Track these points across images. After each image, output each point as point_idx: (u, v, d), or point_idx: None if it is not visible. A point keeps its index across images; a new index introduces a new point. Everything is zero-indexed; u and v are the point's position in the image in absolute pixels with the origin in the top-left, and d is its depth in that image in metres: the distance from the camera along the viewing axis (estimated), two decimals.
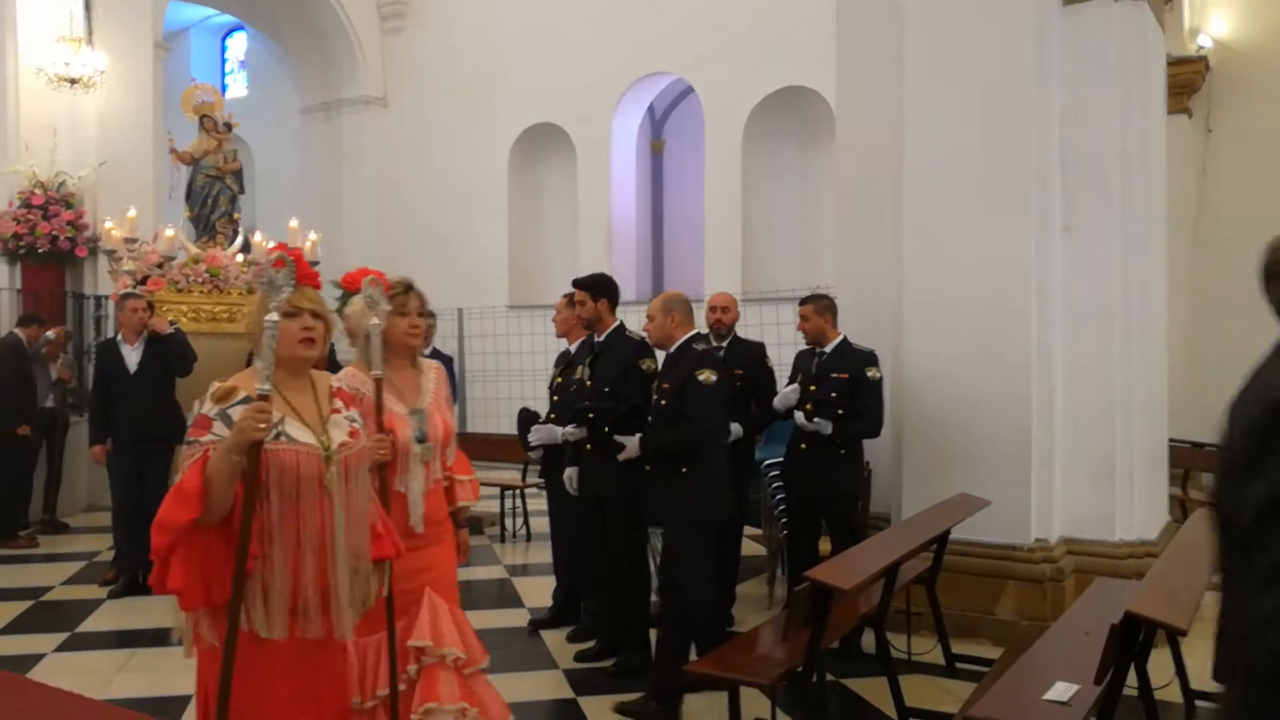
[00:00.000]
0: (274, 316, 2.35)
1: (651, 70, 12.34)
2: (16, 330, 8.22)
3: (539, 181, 13.60)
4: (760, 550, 7.06)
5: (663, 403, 4.52)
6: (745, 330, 6.49)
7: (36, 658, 5.15)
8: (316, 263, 9.21)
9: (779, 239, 11.67)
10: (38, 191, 9.83)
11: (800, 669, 3.47)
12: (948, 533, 4.67)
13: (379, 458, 2.97)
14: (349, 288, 3.22)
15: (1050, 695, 2.98)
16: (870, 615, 4.29)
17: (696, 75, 11.96)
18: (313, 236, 9.42)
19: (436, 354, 7.67)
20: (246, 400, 2.37)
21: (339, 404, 2.61)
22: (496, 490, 8.63)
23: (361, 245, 13.76)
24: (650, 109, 13.31)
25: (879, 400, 5.35)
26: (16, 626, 5.78)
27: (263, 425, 2.27)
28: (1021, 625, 5.14)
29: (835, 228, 7.16)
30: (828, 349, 5.41)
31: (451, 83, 13.53)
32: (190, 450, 2.36)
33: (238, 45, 17.68)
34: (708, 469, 4.44)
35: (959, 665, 4.92)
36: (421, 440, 3.18)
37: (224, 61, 17.95)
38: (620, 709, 4.37)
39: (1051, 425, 5.46)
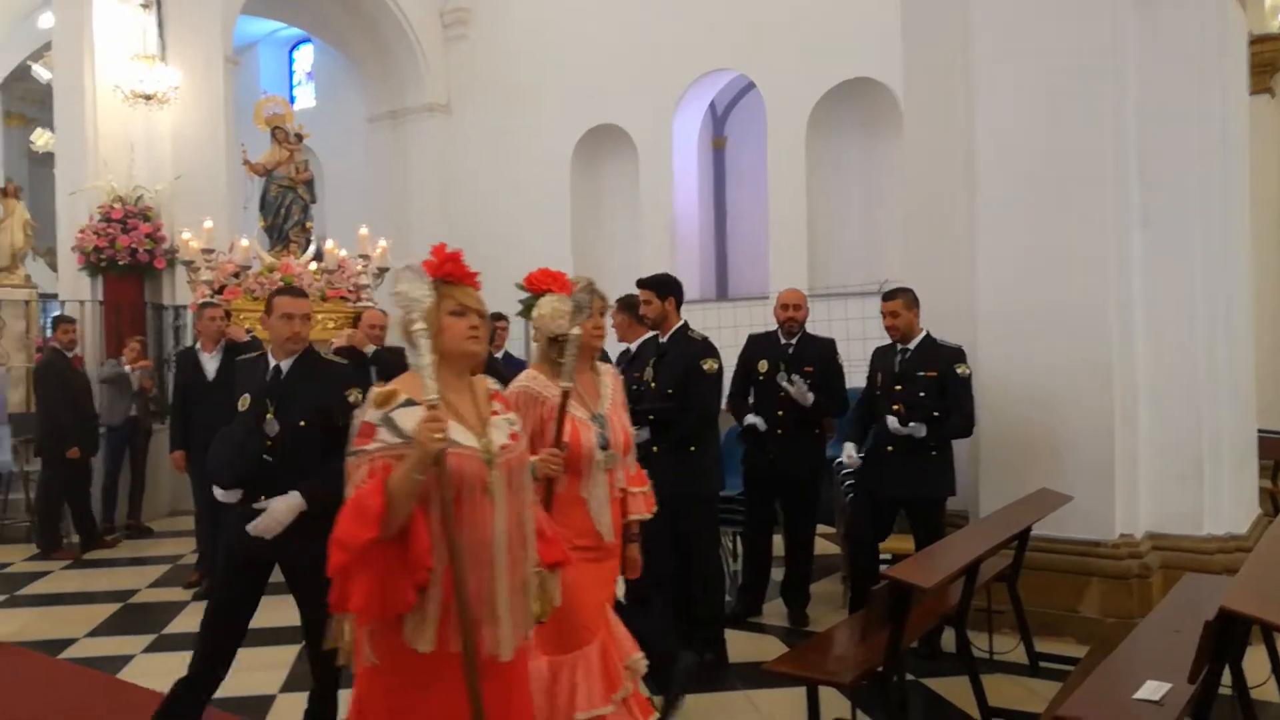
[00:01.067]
0: (421, 325, 2.32)
1: (712, 67, 12.29)
2: (53, 342, 8.40)
3: (601, 183, 13.63)
4: (835, 549, 7.00)
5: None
6: (812, 327, 6.42)
7: (126, 658, 5.29)
8: (386, 269, 9.36)
9: (844, 234, 11.54)
10: (117, 206, 10.11)
11: (880, 668, 3.42)
12: (1029, 529, 4.58)
13: (549, 472, 2.90)
14: (532, 289, 3.15)
15: (1141, 694, 2.89)
16: (951, 613, 4.21)
17: (758, 71, 11.88)
18: (382, 243, 9.55)
19: (509, 359, 7.74)
20: (409, 403, 2.28)
21: (497, 406, 2.52)
22: None
23: (427, 250, 13.89)
24: (711, 106, 13.26)
25: (970, 398, 5.17)
26: (107, 628, 5.96)
27: (439, 435, 2.17)
28: (1107, 623, 5.02)
29: (902, 223, 7.06)
30: (911, 345, 5.19)
31: (513, 87, 13.62)
32: (357, 461, 2.27)
33: (305, 57, 17.99)
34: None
35: (1043, 664, 4.81)
36: (605, 447, 3.09)
37: (292, 74, 18.27)
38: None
39: (1135, 419, 5.32)
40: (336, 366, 4.05)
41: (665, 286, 5.18)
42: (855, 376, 8.69)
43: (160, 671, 4.97)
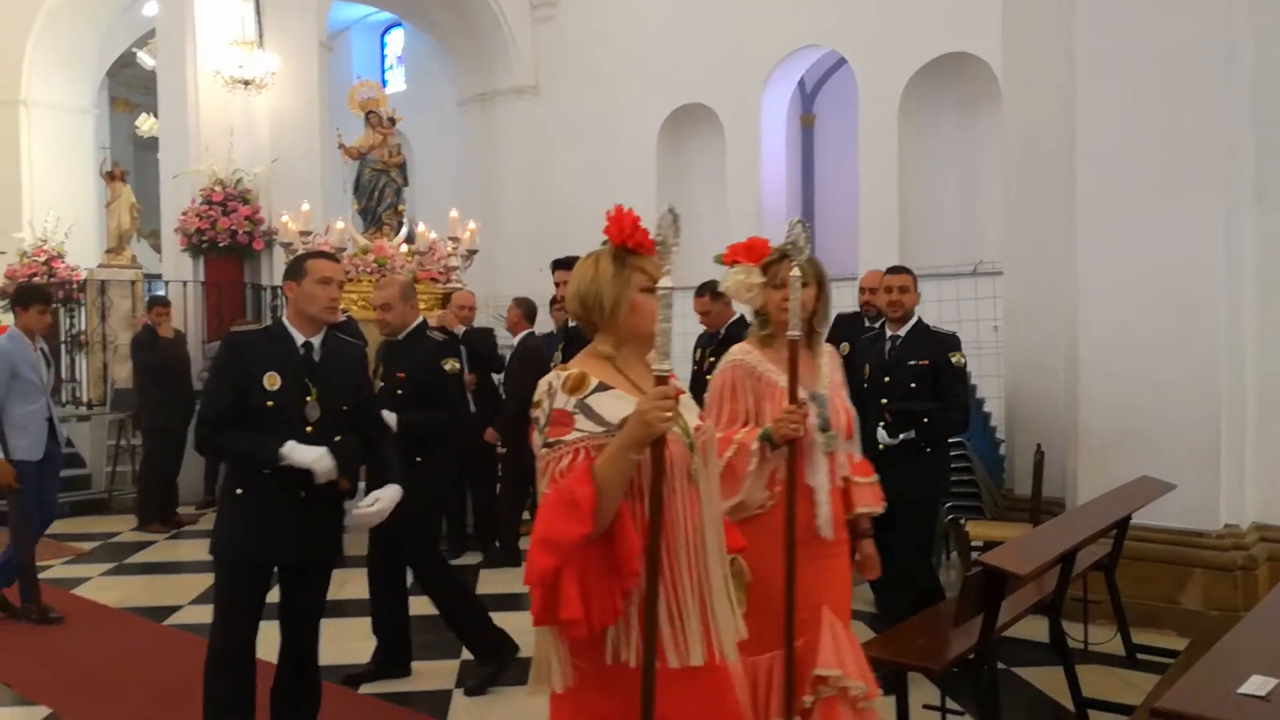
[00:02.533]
0: (667, 282, 2.03)
1: (802, 44, 12.11)
2: (146, 320, 8.71)
3: (687, 163, 13.58)
4: None
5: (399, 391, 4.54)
6: None
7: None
8: (475, 251, 9.48)
9: (938, 213, 11.30)
10: (217, 189, 10.42)
11: (972, 656, 3.36)
12: (1129, 518, 4.44)
13: (789, 433, 2.64)
14: (730, 262, 2.91)
15: (1246, 689, 2.77)
16: (1045, 602, 4.11)
17: (850, 46, 11.67)
18: (472, 225, 9.67)
19: (549, 339, 7.77)
20: (602, 388, 2.07)
21: (680, 385, 2.21)
22: None
23: (517, 232, 14.05)
24: (801, 83, 13.09)
25: (966, 389, 4.89)
26: (209, 597, 6.16)
27: (669, 414, 1.91)
28: (1210, 615, 4.86)
29: (1000, 201, 6.88)
30: (902, 332, 4.79)
31: (600, 68, 13.64)
32: (554, 453, 2.02)
33: (396, 41, 18.26)
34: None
35: (1140, 656, 4.68)
36: (825, 429, 2.80)
37: (383, 58, 18.57)
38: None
39: (1243, 405, 5.12)
40: (356, 345, 3.68)
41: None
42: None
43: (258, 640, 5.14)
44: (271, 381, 3.26)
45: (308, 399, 3.29)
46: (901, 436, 4.62)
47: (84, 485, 9.54)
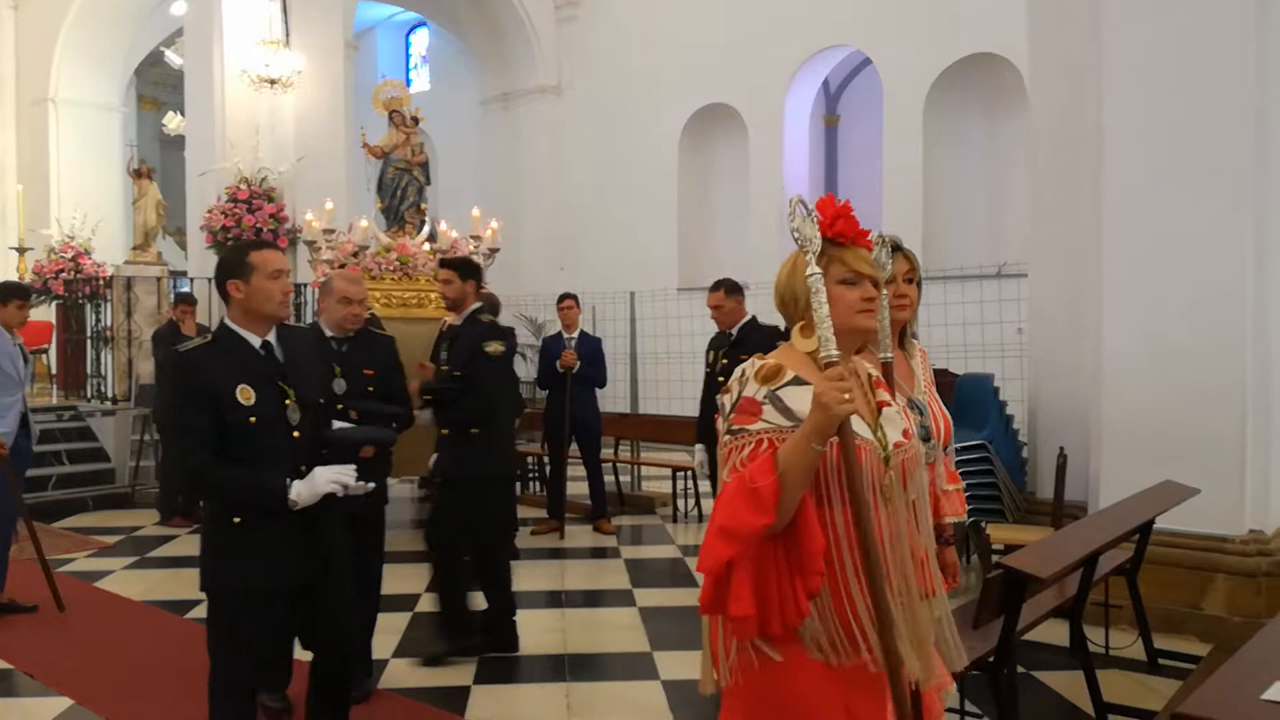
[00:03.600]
0: (816, 269, 1.94)
1: (827, 44, 12.09)
2: (170, 316, 8.79)
3: (710, 162, 13.57)
4: None
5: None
6: (926, 311, 6.28)
7: None
8: (497, 250, 9.50)
9: (963, 215, 11.24)
10: (243, 186, 10.50)
11: (992, 659, 3.33)
12: (1151, 522, 4.39)
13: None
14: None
15: (1270, 695, 2.74)
16: (1066, 606, 4.08)
17: (874, 46, 11.64)
18: (494, 224, 9.68)
19: (585, 336, 7.80)
20: (797, 381, 1.96)
21: (884, 395, 2.14)
22: (668, 471, 8.70)
23: (539, 230, 14.09)
24: (825, 83, 13.06)
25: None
26: None
27: (849, 396, 1.83)
28: (1233, 621, 4.80)
29: (1026, 203, 6.84)
30: (734, 331, 4.63)
31: (623, 68, 13.65)
32: (737, 441, 1.95)
33: (420, 41, 18.36)
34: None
35: (1162, 661, 4.63)
36: (926, 439, 2.66)
37: (408, 57, 18.67)
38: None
39: (1268, 409, 5.06)
40: (305, 329, 3.58)
41: (468, 267, 5.06)
42: (973, 363, 8.51)
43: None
44: (246, 395, 2.95)
45: (287, 403, 3.03)
46: None
47: (108, 480, 9.63)
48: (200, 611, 5.71)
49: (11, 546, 5.84)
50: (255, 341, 3.02)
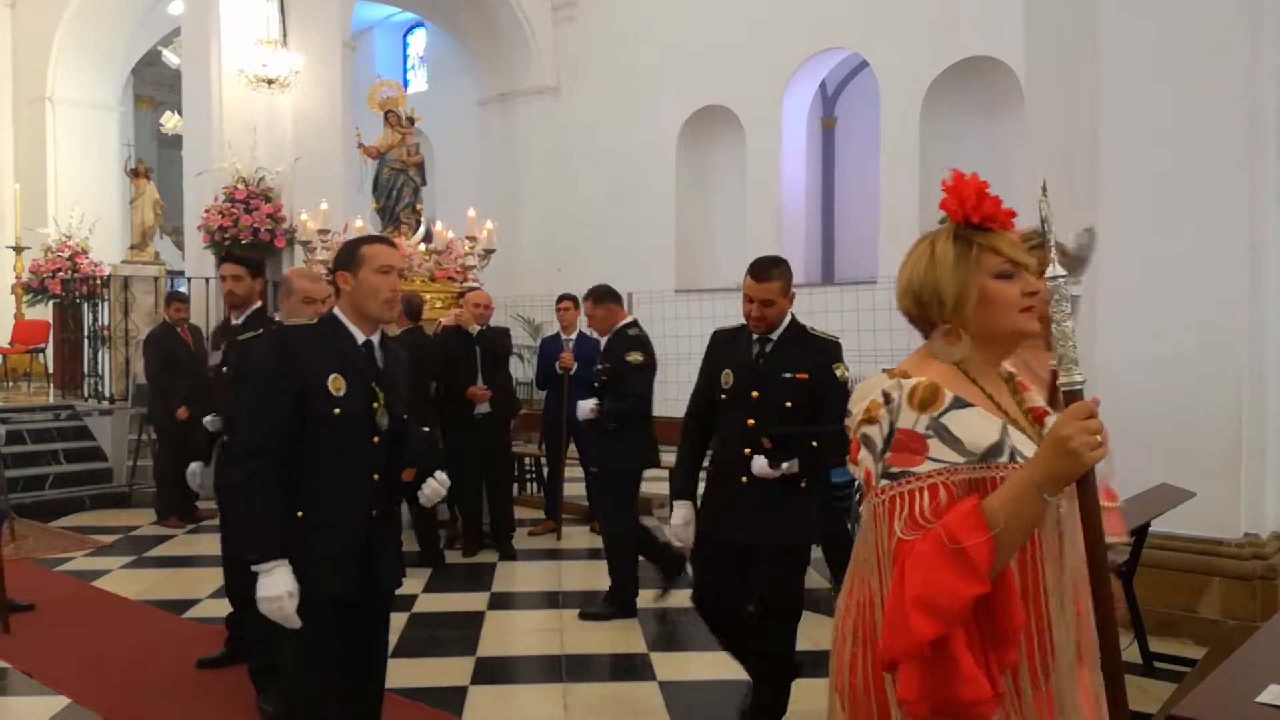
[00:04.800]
0: (1058, 272, 1.64)
1: (824, 46, 12.12)
2: (164, 316, 8.77)
3: (707, 164, 13.59)
4: None
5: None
6: None
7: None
8: (492, 250, 9.50)
9: None
10: (240, 187, 10.48)
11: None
12: (1147, 525, 4.41)
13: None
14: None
15: (1264, 698, 2.76)
16: None
17: (871, 49, 11.67)
18: (489, 225, 9.69)
19: (583, 338, 7.81)
20: (959, 404, 1.60)
21: (1036, 400, 1.80)
22: (665, 473, 8.69)
23: (535, 231, 14.10)
24: (822, 85, 13.09)
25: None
26: (224, 592, 6.21)
27: (1099, 439, 1.50)
28: (1227, 625, 4.82)
29: (1023, 206, 6.86)
30: (774, 334, 3.72)
31: (621, 69, 13.67)
32: (901, 488, 1.56)
33: (418, 41, 18.36)
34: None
35: (1157, 664, 4.65)
36: None
37: (405, 58, 18.67)
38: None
39: (1264, 412, 5.08)
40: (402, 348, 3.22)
41: (258, 266, 4.93)
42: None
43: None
44: (337, 385, 2.75)
45: (375, 405, 2.84)
46: (785, 465, 3.60)
47: (105, 479, 9.62)
48: (197, 610, 5.73)
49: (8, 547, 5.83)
50: (359, 337, 2.86)
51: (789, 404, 3.65)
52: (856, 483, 5.98)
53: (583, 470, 7.98)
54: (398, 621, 5.40)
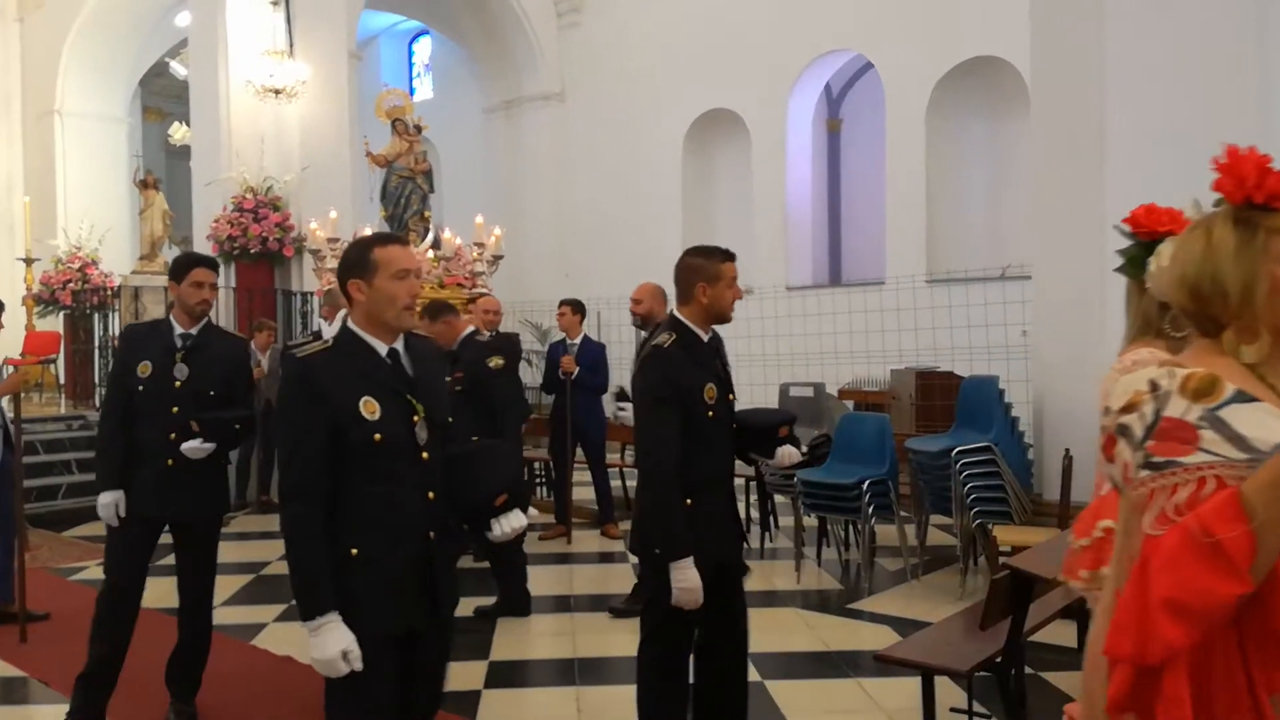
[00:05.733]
0: None
1: (829, 48, 12.13)
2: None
3: (713, 167, 13.61)
4: (951, 540, 6.89)
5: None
6: (933, 313, 6.31)
7: (259, 626, 5.56)
8: (500, 256, 9.53)
9: (966, 218, 11.28)
10: (248, 196, 10.55)
11: (999, 659, 3.35)
12: None
13: None
14: (1142, 231, 2.40)
15: None
16: (1074, 606, 4.10)
17: (876, 51, 11.68)
18: (496, 231, 9.73)
19: (588, 342, 7.82)
20: (1242, 398, 1.42)
21: None
22: None
23: (542, 237, 14.12)
24: (827, 87, 13.10)
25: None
26: (241, 598, 6.26)
27: None
28: None
29: (1029, 205, 6.87)
30: (707, 339, 3.40)
31: (626, 74, 13.70)
32: (1164, 479, 1.41)
33: (424, 49, 18.43)
34: None
35: None
36: None
37: (411, 66, 18.74)
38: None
39: None
40: (430, 340, 3.05)
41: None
42: (977, 365, 8.52)
43: (290, 639, 5.21)
44: (370, 409, 2.52)
45: (415, 419, 2.61)
46: (805, 450, 3.71)
47: None
48: (214, 618, 5.74)
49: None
50: (381, 349, 2.61)
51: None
52: (866, 482, 6.02)
53: (590, 474, 8.00)
54: None
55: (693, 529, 3.19)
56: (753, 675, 4.64)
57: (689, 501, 3.22)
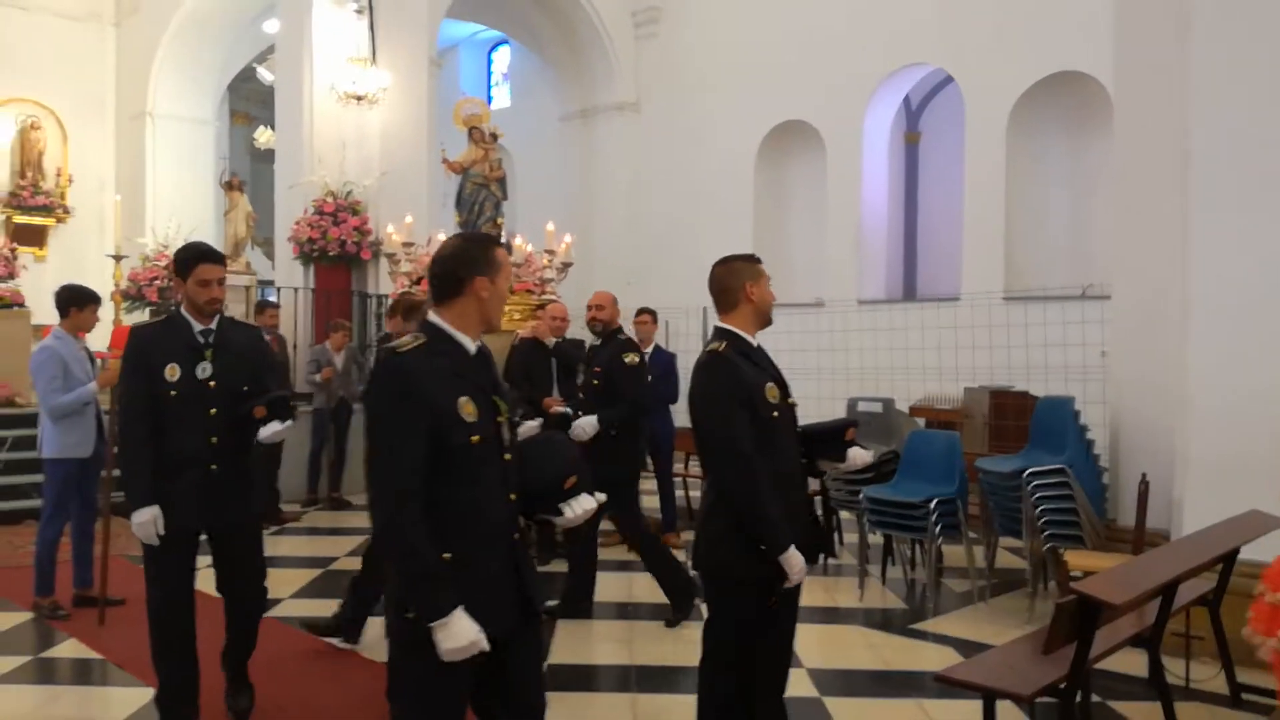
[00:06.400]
0: None
1: (908, 61, 11.98)
2: (257, 321, 9.03)
3: (786, 179, 13.53)
4: (1020, 563, 6.75)
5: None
6: (1009, 332, 6.19)
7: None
8: (569, 264, 9.60)
9: (1046, 235, 11.03)
10: (329, 200, 10.79)
11: (1063, 685, 3.27)
12: (1236, 551, 4.27)
13: None
14: None
15: None
16: (1144, 635, 3.98)
17: (957, 64, 11.50)
18: (568, 239, 9.80)
19: (659, 351, 7.82)
20: None
21: None
22: None
23: (612, 245, 14.17)
24: (906, 100, 12.95)
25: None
26: (309, 591, 6.38)
27: None
28: None
29: (1110, 224, 6.72)
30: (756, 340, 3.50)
31: (701, 84, 13.70)
32: None
33: (502, 59, 18.65)
34: None
35: (1245, 696, 4.48)
36: None
37: (490, 74, 18.98)
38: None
39: None
40: None
41: None
42: (1054, 385, 8.33)
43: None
44: (469, 410, 2.47)
45: (499, 419, 2.57)
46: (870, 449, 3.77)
47: None
48: (280, 610, 5.86)
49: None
50: (470, 346, 2.57)
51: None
52: (934, 501, 5.92)
53: (657, 483, 8.00)
54: None
55: None
56: (811, 691, 4.61)
57: None
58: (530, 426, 2.82)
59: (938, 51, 11.65)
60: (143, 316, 12.69)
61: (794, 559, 3.19)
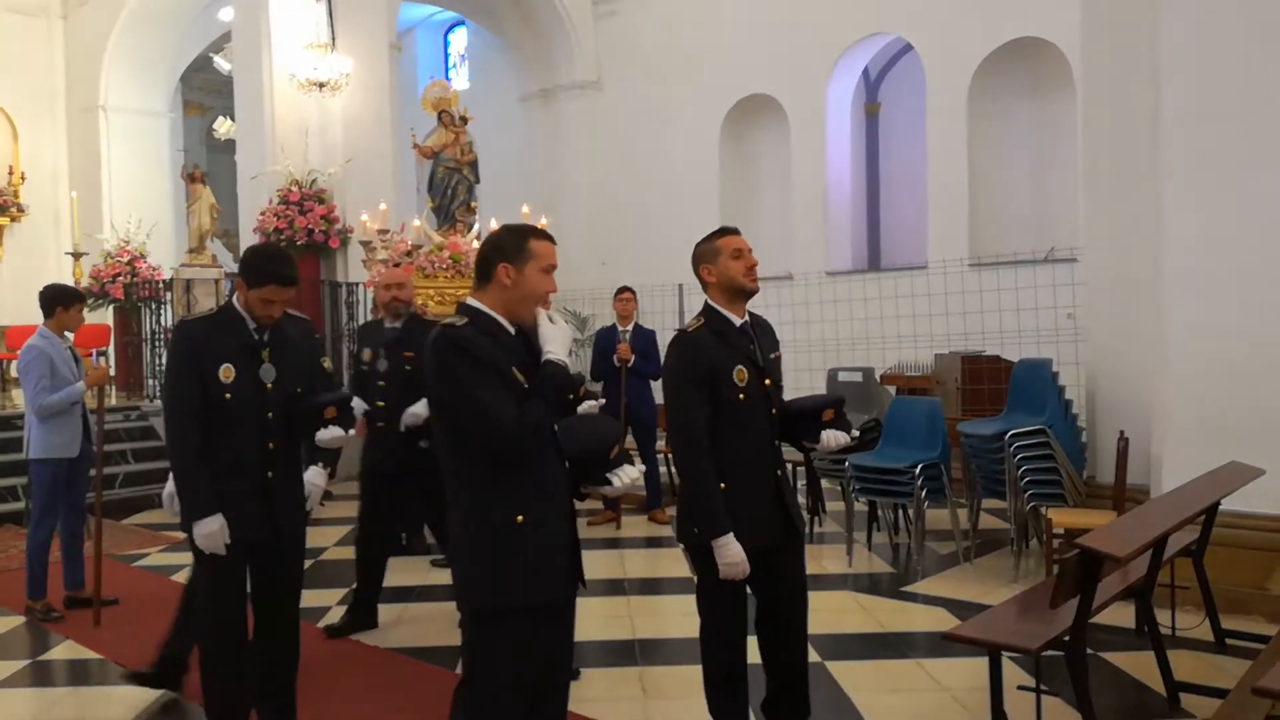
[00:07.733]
0: None
1: (868, 32, 12.04)
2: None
3: (751, 153, 13.58)
4: (1001, 524, 6.91)
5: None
6: (980, 297, 6.32)
7: (323, 610, 5.68)
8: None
9: (1009, 201, 11.18)
10: (294, 189, 10.69)
11: (1068, 638, 3.39)
12: (1217, 503, 4.42)
13: None
14: None
15: None
16: (1135, 588, 4.12)
17: (916, 33, 11.58)
18: (543, 221, 9.78)
19: (639, 329, 7.87)
20: None
21: None
22: None
23: (580, 225, 14.17)
24: (865, 71, 13.03)
25: None
26: (311, 583, 6.37)
27: None
28: None
29: (1072, 188, 6.85)
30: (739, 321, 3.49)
31: (663, 61, 13.69)
32: None
33: (459, 39, 18.49)
34: None
35: (1229, 641, 4.66)
36: None
37: (447, 56, 18.81)
38: None
39: None
40: None
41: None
42: (1026, 348, 8.49)
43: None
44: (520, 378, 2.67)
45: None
46: (855, 434, 3.65)
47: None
48: None
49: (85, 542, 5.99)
50: (510, 329, 2.73)
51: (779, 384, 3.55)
52: (920, 466, 6.04)
53: (640, 460, 8.06)
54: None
55: (730, 510, 3.25)
56: (813, 656, 4.71)
57: (722, 485, 3.27)
58: (589, 406, 2.81)
59: (897, 20, 11.72)
60: (107, 314, 12.54)
61: (728, 547, 3.21)
